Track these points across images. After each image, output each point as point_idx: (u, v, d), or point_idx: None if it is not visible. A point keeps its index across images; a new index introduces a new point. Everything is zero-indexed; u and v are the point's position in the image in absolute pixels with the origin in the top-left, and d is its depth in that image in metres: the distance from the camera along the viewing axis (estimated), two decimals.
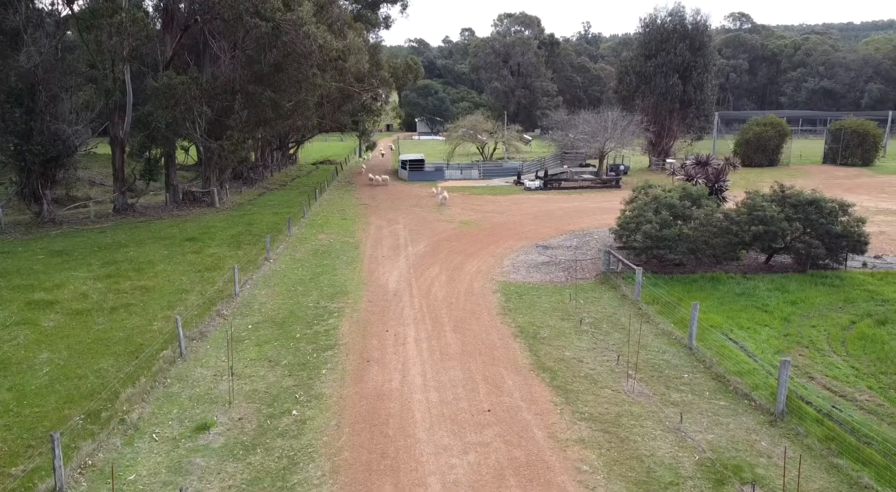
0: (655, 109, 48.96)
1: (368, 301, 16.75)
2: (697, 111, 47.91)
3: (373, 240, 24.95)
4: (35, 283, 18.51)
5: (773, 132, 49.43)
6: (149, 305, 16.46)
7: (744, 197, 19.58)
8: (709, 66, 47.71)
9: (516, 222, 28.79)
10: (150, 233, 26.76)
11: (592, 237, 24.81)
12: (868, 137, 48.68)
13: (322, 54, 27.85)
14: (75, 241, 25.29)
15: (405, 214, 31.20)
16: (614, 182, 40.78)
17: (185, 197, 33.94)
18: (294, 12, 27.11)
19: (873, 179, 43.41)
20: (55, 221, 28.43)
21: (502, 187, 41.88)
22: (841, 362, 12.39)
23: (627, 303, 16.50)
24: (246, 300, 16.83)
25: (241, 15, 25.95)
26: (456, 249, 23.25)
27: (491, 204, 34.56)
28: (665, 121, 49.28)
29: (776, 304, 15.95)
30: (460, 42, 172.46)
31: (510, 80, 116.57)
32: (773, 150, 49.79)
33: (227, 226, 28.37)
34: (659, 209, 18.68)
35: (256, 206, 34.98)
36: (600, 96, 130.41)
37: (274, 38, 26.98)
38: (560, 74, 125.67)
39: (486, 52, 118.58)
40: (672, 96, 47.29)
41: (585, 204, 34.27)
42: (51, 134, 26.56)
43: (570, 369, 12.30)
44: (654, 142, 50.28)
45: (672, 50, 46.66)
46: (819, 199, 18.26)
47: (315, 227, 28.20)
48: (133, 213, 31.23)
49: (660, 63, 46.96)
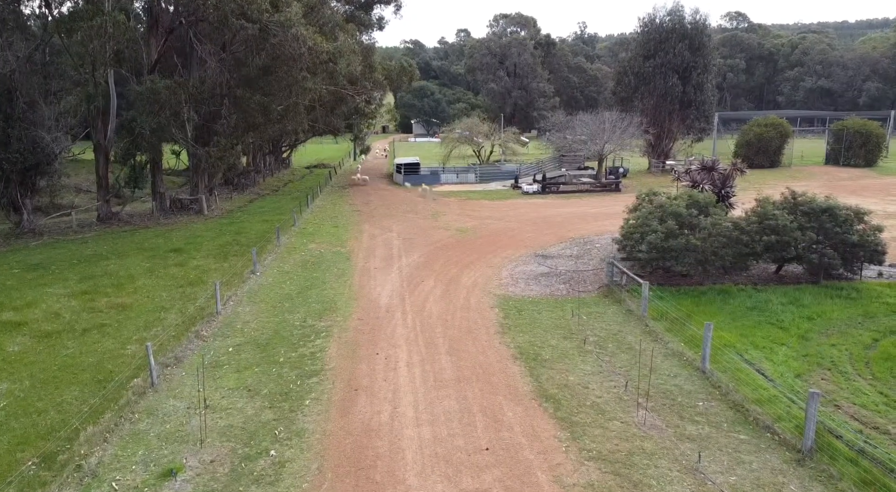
0: (655, 111, 48.10)
1: (358, 319, 15.75)
2: (697, 112, 47.03)
3: (365, 249, 23.96)
4: (5, 300, 17.47)
5: (774, 133, 48.56)
6: (124, 325, 15.45)
7: (753, 204, 18.66)
8: (709, 66, 46.83)
9: (514, 229, 27.82)
10: (133, 243, 25.73)
11: (594, 246, 23.84)
12: (871, 138, 47.85)
13: (312, 57, 26.85)
14: (55, 252, 24.25)
15: (400, 221, 30.21)
16: (614, 186, 39.86)
17: (173, 204, 32.90)
18: (282, 13, 26.12)
19: (878, 180, 42.57)
20: (35, 231, 27.38)
21: (499, 191, 40.93)
22: (868, 388, 11.44)
23: (633, 319, 15.54)
24: (228, 319, 15.82)
25: (227, 17, 24.94)
26: (452, 258, 22.27)
27: (488, 209, 33.60)
28: (664, 122, 48.42)
29: (792, 319, 15.01)
30: (456, 43, 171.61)
31: (506, 82, 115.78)
32: (774, 151, 48.92)
33: (214, 235, 27.35)
34: (664, 218, 17.73)
35: (246, 213, 33.95)
36: (597, 97, 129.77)
37: (262, 41, 25.99)
38: (557, 75, 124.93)
39: (482, 53, 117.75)
40: (672, 97, 46.40)
41: (585, 209, 33.32)
42: (29, 141, 25.53)
43: (575, 397, 11.33)
44: (653, 144, 49.41)
45: (671, 50, 45.77)
46: (833, 206, 17.34)
47: (306, 235, 27.19)
48: (118, 221, 30.18)
49: (659, 64, 46.07)
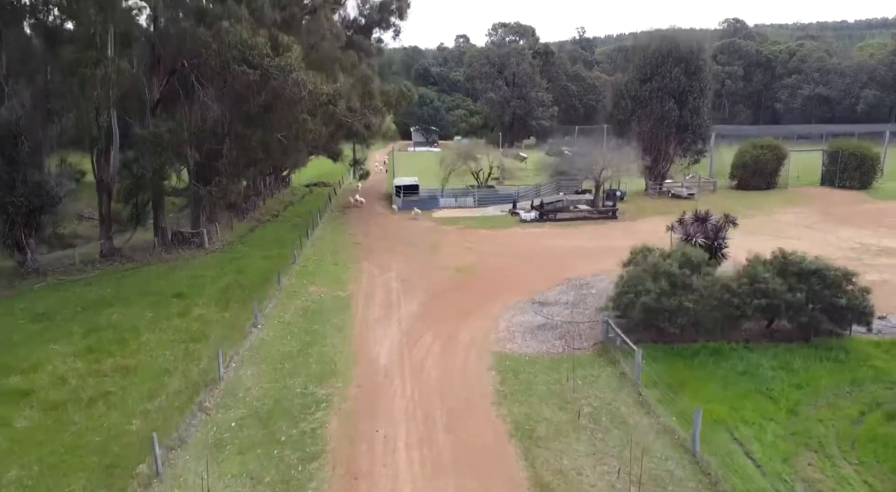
0: (651, 134, 48.50)
1: (358, 385, 16.12)
2: (694, 136, 47.41)
3: (365, 294, 24.32)
4: (12, 361, 17.81)
5: (770, 155, 48.97)
6: (129, 392, 15.81)
7: (747, 256, 18.98)
8: (705, 89, 47.18)
9: (512, 268, 28.19)
10: (136, 285, 26.08)
11: (590, 290, 24.21)
12: (866, 160, 48.24)
13: (312, 99, 27.24)
14: (59, 297, 24.61)
15: (399, 256, 30.55)
16: (611, 213, 40.22)
17: (175, 237, 33.26)
18: (283, 57, 26.49)
19: (872, 205, 42.96)
20: (39, 271, 27.73)
21: (497, 218, 41.27)
22: (853, 476, 11.82)
23: (627, 385, 15.91)
24: (231, 386, 16.17)
25: (229, 63, 25.32)
26: (450, 307, 22.63)
27: (486, 242, 33.95)
28: (661, 145, 48.82)
29: (781, 388, 15.39)
30: (455, 49, 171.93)
31: (505, 91, 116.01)
32: (770, 173, 49.34)
33: (216, 274, 27.69)
34: (657, 276, 18.11)
35: (247, 245, 34.31)
36: (595, 105, 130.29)
37: (262, 84, 26.35)
38: (555, 84, 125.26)
39: (481, 62, 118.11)
40: (668, 121, 46.78)
41: (582, 242, 33.66)
42: (34, 184, 25.89)
43: (570, 485, 11.70)
44: (650, 166, 49.74)
45: (667, 74, 46.14)
46: (822, 268, 17.72)
47: (306, 275, 27.55)
48: (120, 257, 30.54)
49: (655, 88, 46.44)
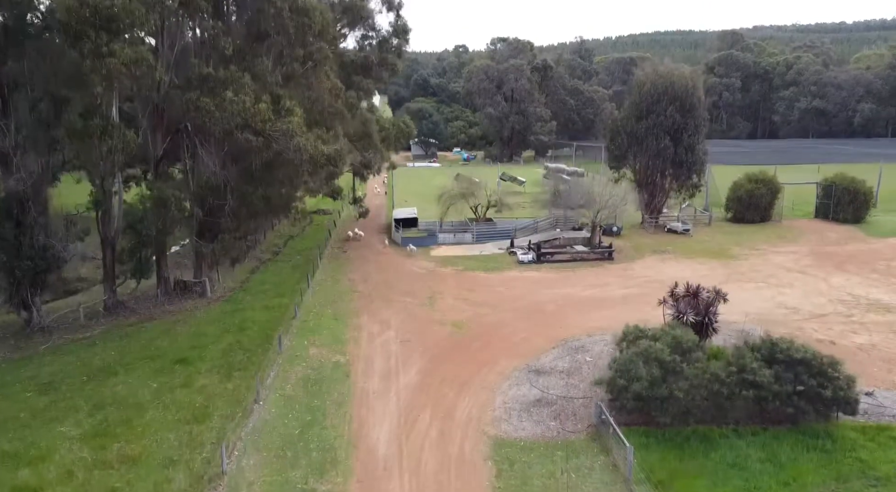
0: (647, 169, 49.11)
1: (358, 481, 16.60)
2: (689, 171, 47.97)
3: (364, 360, 24.79)
4: (21, 449, 18.28)
5: (764, 190, 49.56)
6: (135, 488, 16.28)
7: (732, 353, 19.42)
8: (699, 127, 47.73)
9: (508, 324, 28.69)
10: (139, 347, 26.54)
11: (585, 356, 24.68)
12: (858, 195, 48.83)
13: (313, 162, 27.79)
14: (64, 362, 25.08)
15: (397, 309, 31.01)
16: (607, 254, 40.76)
17: (177, 286, 33.76)
18: (284, 121, 27.01)
19: (865, 244, 43.49)
20: (45, 329, 28.23)
21: (495, 258, 41.76)
22: None
23: (619, 480, 16.41)
24: (234, 481, 16.62)
25: (232, 131, 25.85)
26: (448, 375, 23.13)
27: (483, 289, 34.42)
28: (657, 179, 49.40)
29: (769, 485, 15.91)
30: (454, 59, 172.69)
31: (504, 106, 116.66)
32: (765, 207, 49.92)
33: (218, 332, 28.15)
34: (649, 362, 18.63)
35: (248, 293, 34.77)
36: (593, 119, 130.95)
37: (265, 147, 26.88)
38: (553, 98, 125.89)
39: (480, 78, 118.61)
40: (664, 158, 47.36)
41: (578, 290, 34.15)
42: (41, 248, 26.39)
43: None
44: (646, 200, 50.33)
45: (662, 112, 46.72)
46: (809, 358, 18.22)
47: (307, 333, 28.01)
48: (124, 310, 31.06)
49: (651, 125, 47.00)
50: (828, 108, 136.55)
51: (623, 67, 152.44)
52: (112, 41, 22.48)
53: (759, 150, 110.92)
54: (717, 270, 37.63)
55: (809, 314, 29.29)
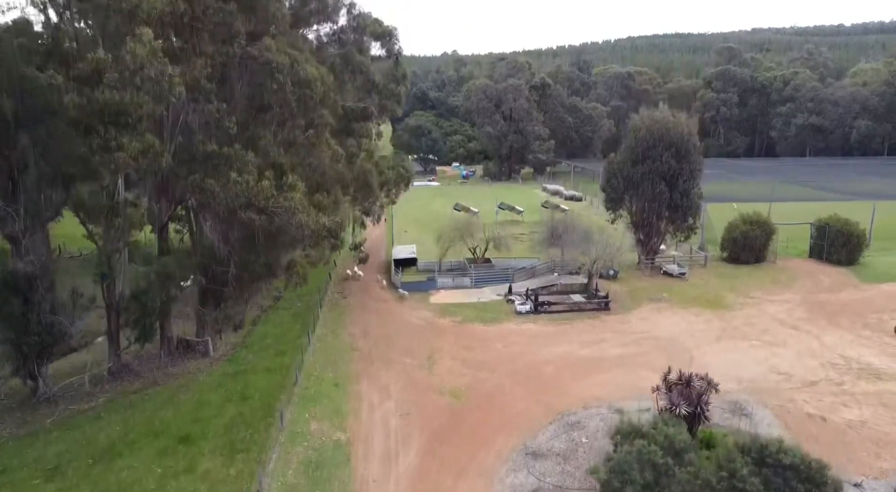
0: (644, 212, 49.71)
1: None
2: (685, 215, 48.57)
3: (364, 440, 25.25)
4: None
5: (759, 231, 50.14)
6: None
7: (723, 456, 19.93)
8: (694, 172, 48.35)
9: (506, 391, 29.25)
10: (143, 420, 26.98)
11: (581, 436, 25.20)
12: (852, 238, 49.44)
13: (314, 236, 28.38)
14: (70, 440, 25.54)
15: (396, 374, 31.51)
16: (604, 304, 41.31)
17: (180, 345, 34.28)
18: (286, 196, 27.56)
19: (859, 292, 44.04)
20: (51, 398, 28.74)
21: (493, 307, 42.26)
22: None
23: None
24: None
25: (236, 210, 26.43)
26: (446, 458, 23.69)
27: (481, 347, 34.90)
28: (653, 221, 49.98)
29: None
30: (453, 75, 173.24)
31: (503, 126, 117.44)
32: (759, 248, 50.52)
33: (220, 401, 28.64)
34: (643, 465, 19.19)
35: (251, 350, 35.26)
36: (592, 136, 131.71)
37: (267, 223, 27.44)
38: (551, 115, 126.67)
39: (479, 97, 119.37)
40: (660, 202, 47.97)
41: (574, 348, 34.64)
42: (48, 324, 26.93)
43: None
44: (643, 241, 50.93)
45: (658, 158, 47.34)
46: (798, 464, 18.77)
47: (307, 402, 28.49)
48: (128, 374, 31.58)
49: (646, 170, 47.59)
50: (825, 125, 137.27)
51: (621, 82, 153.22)
52: (120, 135, 23.03)
53: (755, 170, 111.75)
54: (712, 324, 38.24)
55: (801, 382, 29.87)
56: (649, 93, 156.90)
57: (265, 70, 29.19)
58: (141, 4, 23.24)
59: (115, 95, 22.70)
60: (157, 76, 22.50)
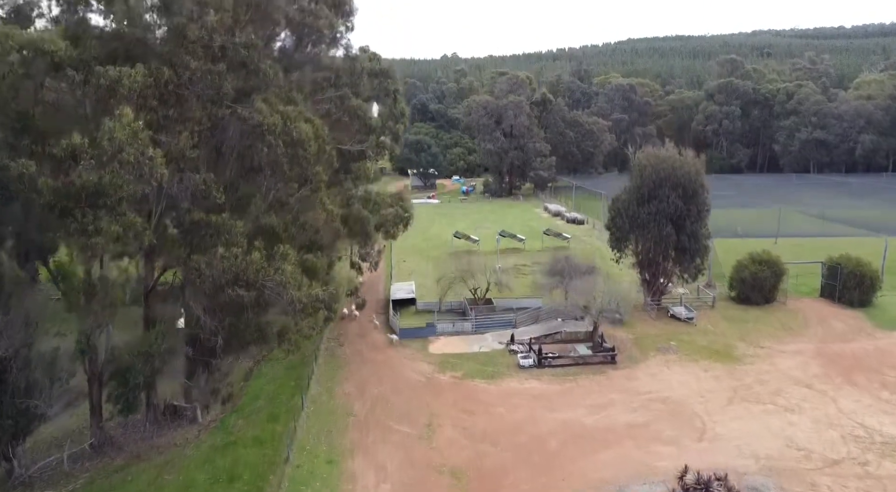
0: (649, 252, 48.23)
1: None
2: (692, 257, 47.07)
3: None
4: None
5: (768, 272, 48.63)
6: None
7: None
8: (702, 212, 46.86)
9: (509, 472, 27.74)
10: None
11: None
12: (865, 279, 47.98)
13: (307, 310, 26.90)
14: None
15: (394, 447, 29.92)
16: (610, 358, 39.79)
17: (167, 410, 32.76)
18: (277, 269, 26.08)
19: (873, 342, 42.45)
20: (27, 481, 27.22)
21: (495, 358, 40.64)
22: None
23: None
24: None
25: (223, 287, 24.95)
26: None
27: (483, 412, 33.32)
28: (660, 261, 48.50)
29: None
30: (453, 86, 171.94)
31: (503, 142, 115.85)
32: (769, 289, 49.02)
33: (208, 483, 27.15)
34: None
35: (241, 414, 33.67)
36: (593, 150, 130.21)
37: (256, 299, 25.96)
38: (552, 130, 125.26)
39: (480, 113, 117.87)
40: (667, 244, 46.49)
41: (580, 414, 33.00)
42: (23, 409, 25.42)
43: None
44: (648, 281, 49.46)
45: (665, 198, 45.85)
46: None
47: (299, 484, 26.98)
48: (110, 448, 30.02)
49: (653, 211, 46.09)
50: (829, 140, 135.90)
51: (623, 94, 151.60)
52: (98, 218, 21.54)
53: (760, 188, 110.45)
54: (722, 382, 36.73)
55: (822, 460, 28.29)
56: (651, 105, 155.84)
57: (256, 132, 27.74)
58: (121, 79, 21.76)
59: (93, 178, 21.21)
60: (138, 159, 21.01)
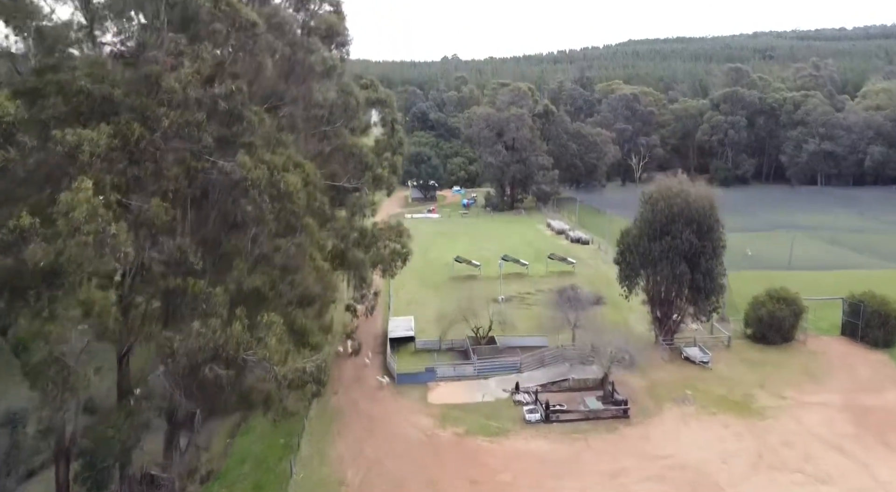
0: (661, 290, 45.71)
1: None
2: (707, 297, 44.49)
3: None
4: None
5: (787, 311, 46.02)
6: None
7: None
8: (718, 249, 44.28)
9: None
10: None
11: None
12: (890, 318, 45.43)
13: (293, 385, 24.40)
14: None
15: None
16: (622, 412, 37.23)
17: (143, 480, 30.21)
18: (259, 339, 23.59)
19: None
20: None
21: (500, 411, 37.91)
22: None
23: None
24: None
25: (199, 366, 22.44)
26: None
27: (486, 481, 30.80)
28: (673, 299, 45.96)
29: None
30: (454, 95, 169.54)
31: (505, 155, 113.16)
32: (788, 328, 46.46)
33: None
34: None
35: (225, 483, 31.15)
36: (596, 163, 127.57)
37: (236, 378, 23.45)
38: (555, 142, 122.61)
39: (481, 126, 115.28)
40: (680, 283, 43.95)
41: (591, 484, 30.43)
42: None
43: None
44: (660, 319, 46.93)
45: (678, 235, 43.28)
46: None
47: None
48: None
49: (665, 248, 43.53)
50: (837, 151, 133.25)
51: (626, 104, 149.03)
52: (54, 302, 19.03)
53: (768, 204, 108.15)
54: (744, 442, 34.15)
55: None
56: (655, 114, 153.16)
57: (239, 187, 25.26)
58: (81, 145, 19.27)
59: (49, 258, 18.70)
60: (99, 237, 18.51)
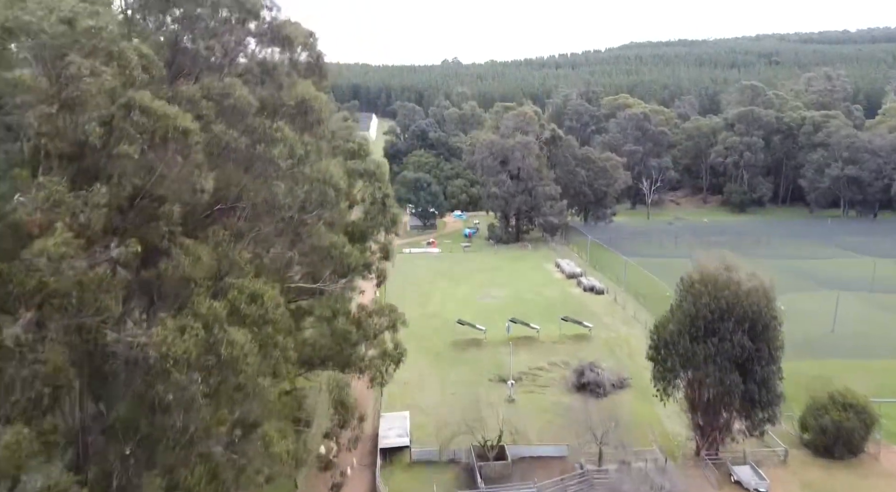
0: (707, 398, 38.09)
1: None
2: (763, 412, 36.88)
3: None
4: None
5: (857, 422, 38.46)
6: None
7: None
8: (775, 353, 36.65)
9: None
10: None
11: None
12: None
13: None
14: None
15: None
16: None
17: None
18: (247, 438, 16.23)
19: None
20: None
21: None
22: None
23: None
24: None
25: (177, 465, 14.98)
26: None
27: None
28: (720, 410, 38.31)
29: None
30: (454, 112, 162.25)
31: (509, 186, 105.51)
32: (857, 441, 38.85)
33: None
34: None
35: None
36: (606, 190, 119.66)
37: None
38: (563, 168, 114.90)
39: (484, 154, 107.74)
40: (731, 394, 36.34)
41: None
42: None
43: None
44: (702, 428, 39.33)
45: (728, 337, 35.70)
46: None
47: None
48: None
49: (711, 352, 35.92)
50: (862, 176, 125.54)
51: (636, 123, 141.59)
52: None
53: (795, 236, 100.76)
54: None
55: None
56: (667, 135, 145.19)
57: (154, 371, 17.82)
58: None
59: None
60: None
